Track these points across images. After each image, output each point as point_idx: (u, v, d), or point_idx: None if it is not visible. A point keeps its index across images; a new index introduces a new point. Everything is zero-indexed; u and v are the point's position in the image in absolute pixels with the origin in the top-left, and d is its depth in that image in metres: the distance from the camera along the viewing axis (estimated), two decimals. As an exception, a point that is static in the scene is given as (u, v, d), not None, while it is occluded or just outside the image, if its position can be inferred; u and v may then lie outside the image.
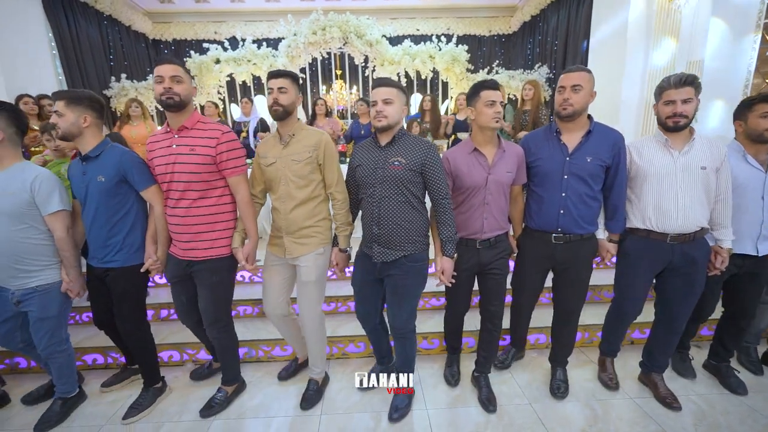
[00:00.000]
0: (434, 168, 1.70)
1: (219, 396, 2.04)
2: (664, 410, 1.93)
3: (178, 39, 7.49)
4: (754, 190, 1.86)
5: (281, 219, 1.84)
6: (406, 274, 1.76)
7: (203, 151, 1.70)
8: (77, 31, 5.37)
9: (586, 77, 1.72)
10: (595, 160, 1.75)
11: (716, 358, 2.15)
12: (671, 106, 1.70)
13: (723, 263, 1.84)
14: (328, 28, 5.61)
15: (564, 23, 5.86)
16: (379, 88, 1.69)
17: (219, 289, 1.87)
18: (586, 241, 1.85)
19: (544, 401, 2.02)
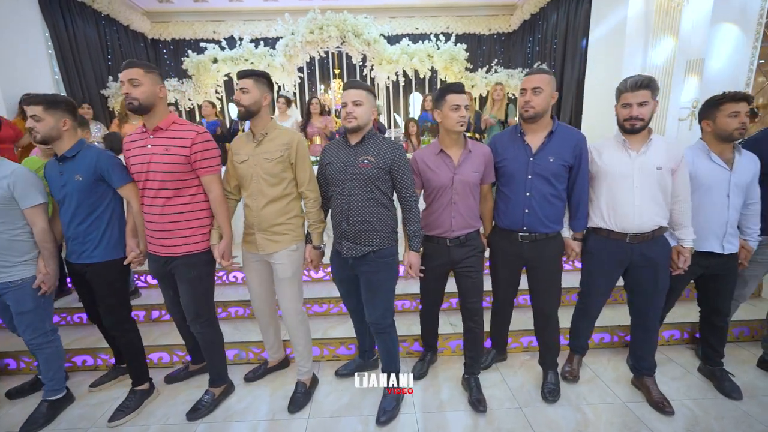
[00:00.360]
0: (402, 167, 1.77)
1: (206, 398, 2.03)
2: (656, 415, 1.90)
3: (177, 38, 7.47)
4: (719, 189, 1.87)
5: (253, 216, 1.87)
6: (376, 269, 1.81)
7: (178, 151, 1.73)
8: (74, 31, 5.37)
9: (546, 79, 1.76)
10: (557, 160, 1.79)
11: (709, 362, 2.14)
12: (627, 109, 1.74)
13: (686, 262, 1.86)
14: (326, 27, 5.58)
15: (563, 21, 5.81)
16: (349, 90, 1.73)
17: (198, 283, 1.89)
18: (552, 239, 1.89)
19: (534, 405, 1.99)
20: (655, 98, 1.73)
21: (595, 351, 2.43)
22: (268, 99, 1.83)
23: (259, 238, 1.89)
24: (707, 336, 2.12)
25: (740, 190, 1.87)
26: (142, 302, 2.81)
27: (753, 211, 1.95)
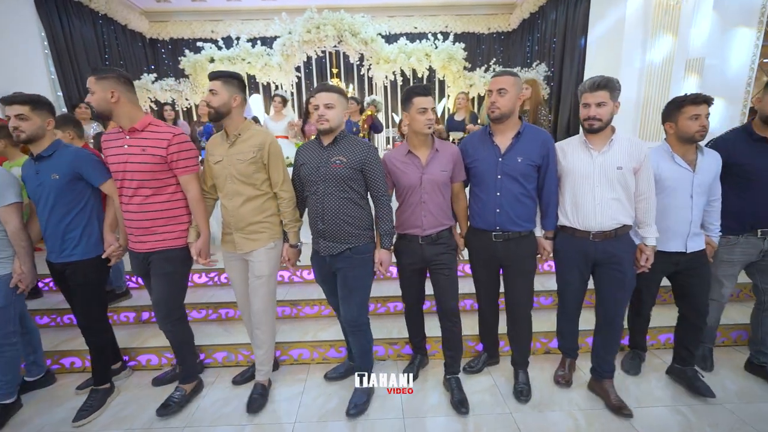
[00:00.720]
0: (373, 167, 1.82)
1: (176, 395, 2.04)
2: (649, 422, 1.86)
3: (175, 38, 7.45)
4: (683, 190, 1.88)
5: (229, 215, 1.90)
6: (352, 266, 1.85)
7: (154, 151, 1.77)
8: (71, 31, 5.35)
9: (511, 81, 1.80)
10: (525, 160, 1.83)
11: (681, 362, 2.11)
12: (586, 109, 1.77)
13: (648, 260, 1.88)
14: (323, 27, 5.55)
15: (562, 20, 5.76)
16: (321, 93, 1.76)
17: (172, 279, 1.92)
18: (525, 238, 1.92)
19: (524, 410, 1.96)
20: (615, 99, 1.75)
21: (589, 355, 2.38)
22: (238, 100, 1.84)
23: (236, 238, 1.92)
24: (682, 336, 2.09)
25: (703, 190, 1.89)
26: (132, 303, 2.79)
27: (715, 207, 1.98)
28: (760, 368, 2.15)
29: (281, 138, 4.61)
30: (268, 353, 2.08)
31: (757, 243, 2.00)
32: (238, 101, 1.84)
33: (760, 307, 2.15)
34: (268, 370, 2.11)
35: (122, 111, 1.75)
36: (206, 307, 2.74)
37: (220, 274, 3.04)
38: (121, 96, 1.74)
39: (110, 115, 1.75)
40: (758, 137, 1.94)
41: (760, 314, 2.14)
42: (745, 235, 2.01)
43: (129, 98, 1.77)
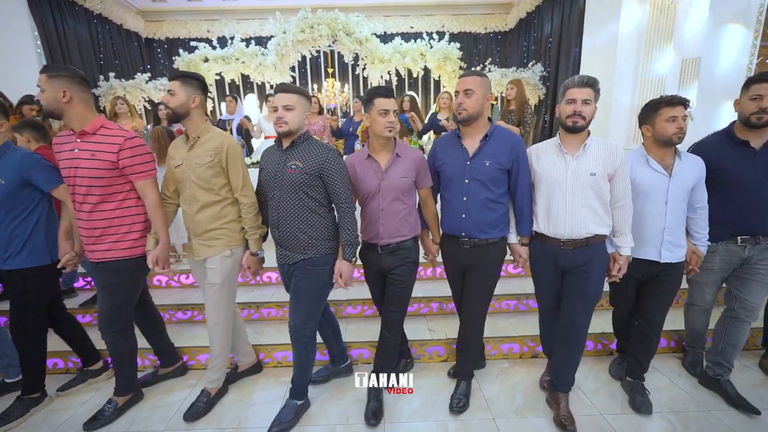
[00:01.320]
0: (332, 173, 1.71)
1: (108, 408, 1.95)
2: (635, 428, 1.82)
3: (171, 38, 7.45)
4: (657, 196, 1.80)
5: (188, 221, 1.86)
6: (303, 277, 1.78)
7: (104, 156, 1.69)
8: (64, 30, 5.34)
9: (478, 81, 1.73)
10: (493, 164, 1.76)
11: (632, 375, 2.03)
12: (572, 105, 1.67)
13: (620, 270, 1.79)
14: (316, 26, 5.53)
15: (558, 20, 5.73)
16: (280, 95, 1.68)
17: (116, 291, 1.84)
18: (491, 245, 1.84)
19: (508, 416, 1.92)
20: (596, 102, 1.70)
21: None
22: (197, 101, 1.78)
23: (194, 244, 1.88)
24: (636, 347, 2.00)
25: (680, 196, 1.79)
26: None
27: (701, 215, 1.87)
28: (714, 381, 2.04)
29: (273, 138, 4.57)
30: (218, 361, 2.01)
31: (737, 251, 1.90)
32: (197, 102, 1.78)
33: (728, 314, 2.03)
34: (217, 378, 2.04)
35: (74, 112, 1.66)
36: (191, 308, 2.71)
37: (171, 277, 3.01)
38: (74, 96, 1.65)
39: (61, 115, 1.67)
40: (739, 141, 1.85)
41: (727, 322, 2.02)
42: (725, 242, 1.92)
43: (82, 98, 1.68)
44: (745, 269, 1.93)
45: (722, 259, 1.94)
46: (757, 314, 1.96)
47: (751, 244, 1.88)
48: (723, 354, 2.02)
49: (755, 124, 1.77)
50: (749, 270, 1.92)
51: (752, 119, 1.77)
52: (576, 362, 1.89)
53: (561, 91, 1.75)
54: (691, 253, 1.89)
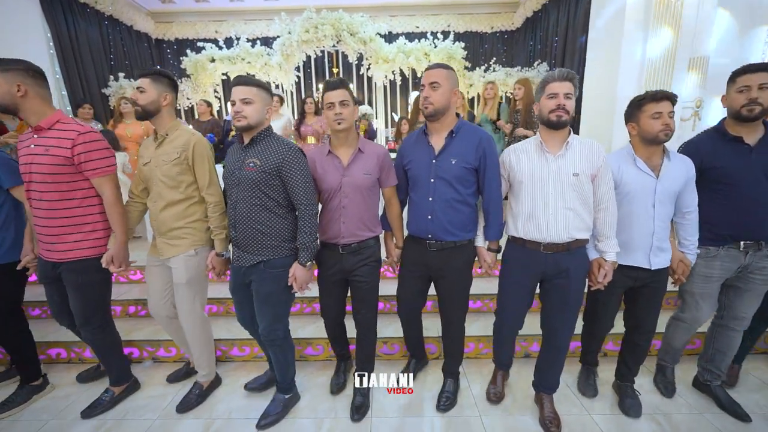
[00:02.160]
0: (291, 172, 1.64)
1: (105, 397, 2.02)
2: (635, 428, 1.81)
3: (180, 38, 7.58)
4: (644, 198, 1.69)
5: (153, 219, 1.85)
6: (263, 280, 1.71)
7: (57, 152, 1.65)
8: (76, 31, 5.49)
9: (444, 74, 1.65)
10: (459, 162, 1.68)
11: (620, 378, 2.01)
12: (555, 99, 1.59)
13: (606, 277, 1.68)
14: (321, 26, 5.58)
15: (564, 18, 5.67)
16: (238, 87, 1.61)
17: (87, 290, 1.84)
18: (460, 248, 1.77)
19: (493, 413, 1.93)
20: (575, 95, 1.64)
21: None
22: (168, 99, 1.77)
23: (159, 243, 1.86)
24: (625, 353, 1.96)
25: (668, 198, 1.70)
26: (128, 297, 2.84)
27: (690, 220, 1.76)
28: (706, 386, 2.01)
29: (277, 136, 4.60)
30: (201, 356, 2.04)
31: (738, 256, 1.77)
32: (168, 100, 1.78)
33: (717, 322, 1.97)
34: (206, 373, 2.08)
35: (29, 106, 1.63)
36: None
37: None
38: (29, 90, 1.61)
39: (15, 110, 1.63)
40: (731, 137, 1.74)
41: (716, 330, 1.97)
42: (726, 247, 1.78)
43: (37, 93, 1.64)
44: (740, 278, 1.82)
45: (722, 265, 1.79)
46: (747, 324, 1.88)
47: (753, 250, 1.75)
48: (712, 361, 1.98)
49: (746, 117, 1.67)
50: (744, 279, 1.81)
51: (743, 112, 1.67)
52: (560, 367, 1.86)
53: (539, 87, 1.67)
54: (678, 261, 1.78)
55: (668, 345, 2.07)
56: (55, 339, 2.49)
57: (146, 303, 2.68)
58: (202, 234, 1.87)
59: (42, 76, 1.69)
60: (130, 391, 2.11)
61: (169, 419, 1.94)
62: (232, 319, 2.67)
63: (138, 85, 1.73)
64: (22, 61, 1.65)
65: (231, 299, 2.67)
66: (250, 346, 2.43)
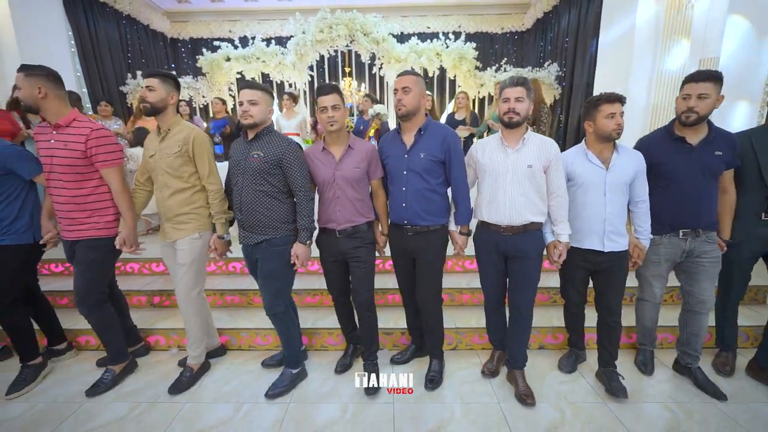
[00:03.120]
0: (290, 163, 1.88)
1: (106, 376, 2.14)
2: (636, 415, 1.88)
3: (194, 38, 7.72)
4: (596, 187, 1.90)
5: (160, 206, 2.03)
6: (266, 257, 1.95)
7: (75, 147, 1.87)
8: (96, 30, 5.63)
9: (413, 80, 1.88)
10: (428, 156, 1.89)
11: (604, 364, 2.11)
12: (507, 103, 1.82)
13: (560, 256, 1.90)
14: (335, 26, 5.67)
15: (575, 20, 5.72)
16: (245, 90, 1.85)
17: (94, 266, 2.02)
18: (434, 232, 1.97)
19: (511, 400, 2.00)
20: (531, 98, 1.83)
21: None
22: (174, 98, 1.97)
23: (166, 227, 2.05)
24: (602, 336, 2.09)
25: (618, 188, 1.88)
26: (145, 287, 2.94)
27: (642, 209, 1.95)
28: (686, 369, 2.14)
29: (292, 135, 4.70)
30: (194, 339, 2.16)
31: (679, 243, 1.99)
32: (174, 99, 1.98)
33: (685, 308, 2.13)
34: (197, 355, 2.19)
35: (48, 107, 1.85)
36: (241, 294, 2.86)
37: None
38: (48, 92, 1.83)
39: (37, 109, 1.86)
40: (676, 137, 1.93)
41: (686, 315, 2.13)
42: (668, 235, 2.00)
43: (56, 95, 1.86)
44: (690, 263, 2.01)
45: (666, 251, 2.02)
46: (711, 305, 2.04)
47: (691, 237, 1.96)
48: (688, 344, 2.12)
49: (684, 123, 1.86)
50: (695, 264, 2.00)
51: (682, 118, 1.87)
52: (525, 340, 2.06)
53: (498, 91, 1.89)
54: (633, 246, 1.98)
55: (641, 325, 2.25)
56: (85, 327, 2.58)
57: (170, 294, 2.85)
58: (205, 219, 2.07)
59: (59, 80, 1.90)
60: (129, 370, 2.25)
61: (200, 403, 2.03)
62: (254, 309, 2.80)
63: (147, 84, 1.91)
64: (43, 67, 1.88)
65: (252, 290, 2.85)
66: (273, 335, 2.52)
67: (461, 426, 1.84)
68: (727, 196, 2.01)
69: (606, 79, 4.91)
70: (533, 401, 1.94)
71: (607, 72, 4.93)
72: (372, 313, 2.11)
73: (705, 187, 1.92)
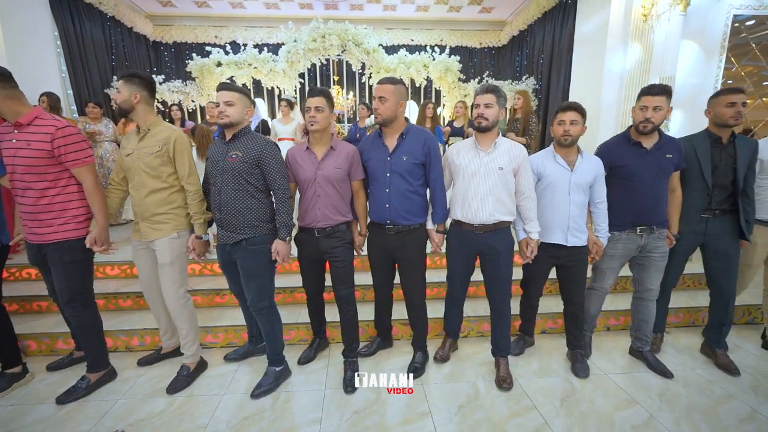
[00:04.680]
0: (269, 162, 1.90)
1: (80, 384, 2.07)
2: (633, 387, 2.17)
3: (178, 42, 7.63)
4: (562, 187, 2.07)
5: (136, 205, 2.02)
6: (246, 256, 1.97)
7: (39, 146, 1.81)
8: (81, 31, 5.50)
9: (390, 90, 1.95)
10: (410, 159, 1.98)
11: (571, 346, 2.36)
12: (477, 109, 1.97)
13: (532, 252, 2.07)
14: (328, 36, 5.86)
15: (550, 38, 6.23)
16: (222, 92, 1.88)
17: (72, 268, 1.96)
18: (414, 230, 2.08)
19: (525, 372, 2.26)
20: (502, 106, 1.97)
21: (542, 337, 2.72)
22: (139, 97, 1.92)
23: (142, 227, 2.03)
24: (568, 323, 2.33)
25: (581, 188, 2.07)
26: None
27: (600, 209, 2.15)
28: (639, 352, 2.38)
29: (287, 140, 4.81)
30: (188, 336, 2.17)
31: (636, 239, 2.17)
32: (140, 98, 1.92)
33: (635, 296, 2.36)
34: (191, 353, 2.20)
35: (2, 108, 1.79)
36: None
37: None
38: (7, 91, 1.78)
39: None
40: (634, 142, 2.12)
41: (636, 303, 2.35)
42: (627, 231, 2.18)
43: (7, 95, 1.78)
44: (642, 256, 2.22)
45: (624, 246, 2.20)
46: (656, 294, 2.29)
47: (647, 233, 2.16)
48: (640, 329, 2.36)
49: (641, 131, 2.08)
50: (646, 257, 2.21)
51: (639, 127, 2.08)
52: (507, 331, 2.20)
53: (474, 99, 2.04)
54: (592, 242, 2.16)
55: (587, 313, 2.42)
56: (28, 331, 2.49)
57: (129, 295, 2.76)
58: (183, 219, 2.06)
59: (9, 78, 1.81)
60: (106, 380, 2.16)
61: (236, 394, 2.10)
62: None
63: (118, 86, 1.94)
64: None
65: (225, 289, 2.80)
66: (296, 330, 2.61)
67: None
68: (675, 195, 2.23)
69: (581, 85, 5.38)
70: (509, 385, 2.10)
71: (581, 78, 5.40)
72: (353, 308, 2.18)
73: (658, 187, 2.12)
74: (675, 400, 2.04)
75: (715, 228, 2.22)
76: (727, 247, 2.22)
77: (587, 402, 2.02)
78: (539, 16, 6.56)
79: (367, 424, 1.86)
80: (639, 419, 1.89)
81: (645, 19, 4.58)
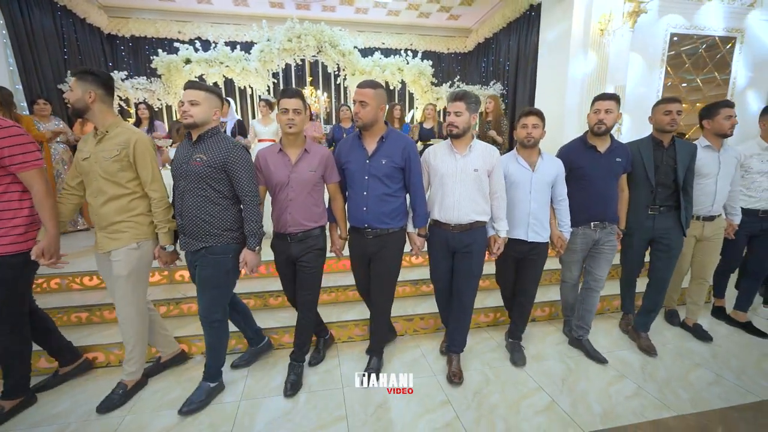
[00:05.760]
0: (236, 167, 1.81)
1: None
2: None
3: (136, 36, 7.16)
4: (523, 186, 2.21)
5: (93, 214, 1.88)
6: (204, 265, 1.88)
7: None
8: (31, 20, 5.00)
9: (371, 94, 1.93)
10: (389, 162, 2.00)
11: (512, 337, 2.52)
12: (449, 116, 2.05)
13: (499, 249, 2.17)
14: (304, 37, 5.81)
15: (515, 46, 6.62)
16: (188, 90, 1.80)
17: (4, 287, 1.75)
18: (392, 234, 2.08)
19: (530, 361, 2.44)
20: (473, 112, 2.02)
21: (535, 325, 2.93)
22: (93, 96, 1.78)
23: (99, 237, 1.88)
24: (515, 315, 2.47)
25: (542, 187, 2.21)
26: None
27: (563, 206, 2.30)
28: (578, 341, 2.56)
29: (268, 141, 4.72)
30: (134, 353, 2.01)
31: (591, 233, 2.37)
32: (94, 97, 1.78)
33: (583, 286, 2.52)
34: (133, 371, 2.03)
35: None
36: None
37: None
38: None
39: None
40: (589, 146, 2.32)
41: (583, 293, 2.52)
42: (582, 226, 2.37)
43: None
44: (595, 249, 2.42)
45: (582, 240, 2.39)
46: (602, 285, 2.47)
47: (600, 228, 2.35)
48: (582, 318, 2.53)
49: (597, 133, 2.27)
50: (598, 249, 2.41)
51: (594, 128, 2.27)
52: (466, 328, 2.26)
53: None
54: (557, 237, 2.32)
55: (564, 302, 2.71)
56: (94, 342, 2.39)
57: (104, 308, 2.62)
58: (145, 228, 1.91)
59: None
60: (24, 406, 1.95)
61: (90, 420, 1.91)
62: (280, 309, 2.86)
63: (69, 84, 1.84)
64: None
65: (268, 292, 2.89)
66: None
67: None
68: (623, 194, 2.44)
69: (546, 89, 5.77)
70: (460, 380, 2.16)
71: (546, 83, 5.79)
72: (312, 314, 2.16)
73: (610, 187, 2.31)
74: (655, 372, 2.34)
75: (661, 224, 2.44)
76: (671, 242, 2.44)
77: (585, 380, 2.26)
78: (504, 25, 6.94)
79: (391, 417, 1.94)
80: (629, 391, 2.16)
81: (602, 33, 5.05)
